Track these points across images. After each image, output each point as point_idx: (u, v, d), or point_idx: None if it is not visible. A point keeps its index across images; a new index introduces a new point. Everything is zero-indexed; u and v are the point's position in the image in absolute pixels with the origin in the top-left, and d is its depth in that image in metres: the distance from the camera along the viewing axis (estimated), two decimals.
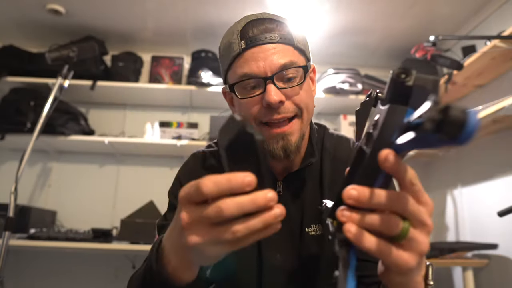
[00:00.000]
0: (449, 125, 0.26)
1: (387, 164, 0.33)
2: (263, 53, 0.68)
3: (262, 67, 0.68)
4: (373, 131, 0.36)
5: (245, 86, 0.70)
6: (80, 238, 1.98)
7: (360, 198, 0.35)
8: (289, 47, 0.71)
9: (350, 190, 0.35)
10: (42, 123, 1.63)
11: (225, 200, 0.37)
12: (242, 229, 0.37)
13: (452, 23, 2.36)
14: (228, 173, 0.37)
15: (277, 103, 0.67)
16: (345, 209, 0.36)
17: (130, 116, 2.75)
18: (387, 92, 0.36)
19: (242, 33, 0.70)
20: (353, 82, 2.51)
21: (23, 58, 2.47)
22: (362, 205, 0.35)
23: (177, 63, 2.68)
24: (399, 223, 0.36)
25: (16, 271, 2.38)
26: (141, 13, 2.33)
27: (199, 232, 0.39)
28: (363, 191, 0.35)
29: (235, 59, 0.70)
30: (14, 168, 1.54)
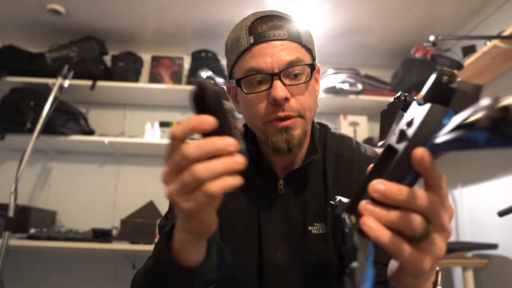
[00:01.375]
0: (509, 124, 0.25)
1: (422, 163, 0.33)
2: (271, 49, 0.69)
3: (269, 63, 0.68)
4: (408, 129, 0.35)
5: (251, 82, 0.71)
6: (80, 238, 1.98)
7: (387, 192, 0.34)
8: (297, 45, 0.71)
9: (377, 184, 0.34)
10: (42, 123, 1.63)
11: (187, 144, 0.40)
12: (202, 169, 0.39)
13: (452, 23, 2.36)
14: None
15: (283, 99, 0.68)
16: (369, 203, 0.35)
17: (130, 116, 2.75)
18: (428, 92, 0.36)
19: (251, 29, 0.71)
20: (353, 82, 2.51)
21: (23, 58, 2.47)
22: (387, 200, 0.34)
23: (177, 63, 2.68)
24: (423, 224, 0.35)
25: (16, 271, 2.38)
26: (141, 13, 2.33)
27: (171, 182, 0.42)
28: (391, 186, 0.34)
29: (243, 54, 0.71)
30: (14, 168, 1.54)
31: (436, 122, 0.33)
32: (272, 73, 0.68)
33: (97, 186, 2.59)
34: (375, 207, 0.35)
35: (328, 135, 0.83)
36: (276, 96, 0.67)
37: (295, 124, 0.70)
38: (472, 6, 2.18)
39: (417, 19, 2.31)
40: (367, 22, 2.36)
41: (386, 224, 0.34)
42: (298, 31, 0.72)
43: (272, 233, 0.74)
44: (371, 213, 0.35)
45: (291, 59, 0.69)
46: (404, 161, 0.34)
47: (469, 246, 2.01)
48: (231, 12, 2.28)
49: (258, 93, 0.70)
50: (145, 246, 1.98)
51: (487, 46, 1.75)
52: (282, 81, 0.68)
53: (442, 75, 0.34)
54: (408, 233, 0.35)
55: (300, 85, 0.71)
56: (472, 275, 1.94)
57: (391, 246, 0.35)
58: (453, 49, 2.27)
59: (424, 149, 0.32)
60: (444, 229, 0.37)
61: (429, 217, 0.35)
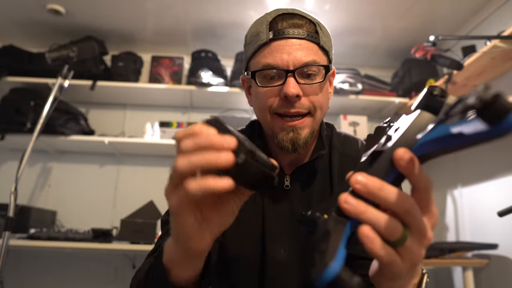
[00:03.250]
0: (497, 107, 0.25)
1: (403, 163, 0.33)
2: (289, 47, 0.70)
3: (285, 60, 0.69)
4: (394, 134, 0.36)
5: (265, 76, 0.72)
6: (80, 238, 1.98)
7: (368, 185, 0.33)
8: (314, 45, 0.72)
9: (359, 176, 0.33)
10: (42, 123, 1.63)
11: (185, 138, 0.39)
12: (182, 161, 0.37)
13: (452, 23, 2.36)
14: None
15: (294, 96, 0.68)
16: (350, 196, 0.34)
17: (130, 116, 2.75)
18: (418, 102, 0.37)
19: (271, 24, 0.72)
20: (353, 82, 2.51)
21: (23, 58, 2.47)
22: (368, 194, 0.33)
23: (177, 63, 2.68)
24: (399, 229, 0.34)
25: (16, 271, 2.38)
26: (141, 13, 2.33)
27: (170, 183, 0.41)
28: (373, 180, 0.33)
29: (261, 48, 0.72)
30: (14, 168, 1.54)
31: (422, 126, 0.34)
32: (287, 69, 0.69)
33: (97, 186, 2.59)
34: (358, 200, 0.33)
35: (334, 134, 0.84)
36: (287, 92, 0.68)
37: (304, 124, 0.71)
38: (472, 6, 2.18)
39: (417, 19, 2.31)
40: (367, 22, 2.36)
41: (366, 221, 0.33)
42: (317, 32, 0.73)
43: (276, 229, 0.74)
44: (353, 207, 0.33)
45: (307, 60, 0.70)
46: (387, 161, 0.34)
47: (469, 246, 2.01)
48: (231, 12, 2.28)
49: (271, 88, 0.71)
50: (145, 246, 1.98)
51: (487, 46, 1.75)
52: (296, 78, 0.69)
53: (435, 88, 0.35)
54: (385, 235, 0.33)
55: (313, 85, 0.71)
56: (472, 275, 1.94)
57: (368, 235, 0.33)
58: (453, 49, 2.27)
59: (406, 149, 0.33)
60: (423, 235, 0.35)
61: (407, 221, 0.34)
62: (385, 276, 0.38)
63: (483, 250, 2.02)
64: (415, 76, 2.48)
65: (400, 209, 0.34)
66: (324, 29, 0.76)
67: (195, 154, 0.37)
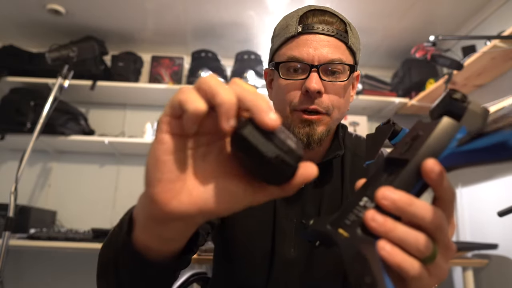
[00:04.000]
0: None
1: (432, 175, 0.30)
2: (316, 42, 0.70)
3: (311, 55, 0.69)
4: (415, 141, 0.34)
5: (289, 68, 0.71)
6: (80, 238, 1.98)
7: (397, 201, 0.30)
8: (342, 44, 0.72)
9: (387, 191, 0.30)
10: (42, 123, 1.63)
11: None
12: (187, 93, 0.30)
13: (452, 23, 2.36)
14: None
15: (315, 91, 0.68)
16: (377, 213, 0.31)
17: (130, 116, 2.75)
18: (438, 106, 0.35)
19: (302, 18, 0.72)
20: None
21: (23, 58, 2.47)
22: (397, 210, 0.30)
23: (177, 63, 2.68)
24: (430, 246, 0.31)
25: (16, 271, 2.38)
26: (141, 13, 2.33)
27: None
28: (401, 195, 0.30)
29: (288, 40, 0.72)
30: (14, 168, 1.54)
31: (450, 135, 0.32)
32: (312, 64, 0.69)
33: (97, 186, 2.59)
34: (386, 218, 0.30)
35: (347, 134, 0.84)
36: (309, 87, 0.67)
37: (321, 120, 0.70)
38: (472, 6, 2.18)
39: (417, 19, 2.31)
40: (367, 22, 2.36)
41: (395, 240, 0.30)
42: (346, 32, 0.73)
43: (287, 228, 0.74)
44: (381, 225, 0.30)
45: (333, 57, 0.69)
46: (412, 171, 0.32)
47: (469, 246, 2.01)
48: (231, 12, 2.28)
49: (293, 81, 0.71)
50: None
51: (487, 46, 1.75)
52: (319, 74, 0.69)
53: (455, 92, 0.33)
54: (414, 252, 0.31)
55: (336, 83, 0.71)
56: (472, 275, 1.94)
57: (409, 271, 0.30)
58: (453, 49, 2.27)
59: (435, 160, 0.31)
60: (449, 249, 0.33)
61: (436, 236, 0.32)
62: None
63: (483, 250, 2.02)
64: (415, 76, 2.48)
65: (431, 225, 0.31)
66: (355, 30, 0.75)
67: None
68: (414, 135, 0.35)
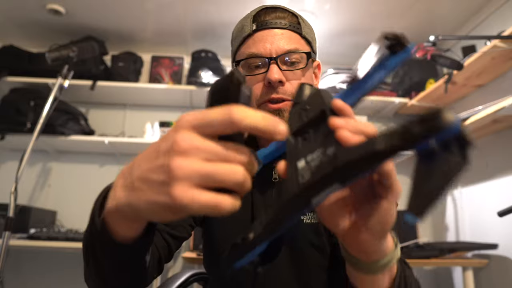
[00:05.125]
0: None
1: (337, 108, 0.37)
2: (271, 36, 0.73)
3: (268, 48, 0.72)
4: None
5: (250, 65, 0.74)
6: (80, 238, 1.97)
7: (346, 107, 0.36)
8: (297, 35, 0.75)
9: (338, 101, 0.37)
10: (42, 123, 1.63)
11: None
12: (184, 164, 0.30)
13: (452, 23, 2.36)
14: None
15: (277, 81, 0.71)
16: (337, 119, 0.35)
17: (130, 116, 2.75)
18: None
19: (255, 17, 0.76)
20: None
21: (23, 58, 2.47)
22: (345, 112, 0.36)
23: (177, 63, 2.68)
24: (371, 126, 0.36)
25: (16, 271, 2.38)
26: (141, 13, 2.33)
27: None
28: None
29: (245, 40, 0.76)
30: (14, 168, 1.54)
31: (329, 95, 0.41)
32: (270, 57, 0.72)
33: (97, 186, 2.57)
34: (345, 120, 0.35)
35: None
36: (271, 78, 0.70)
37: (288, 106, 0.72)
38: (472, 6, 2.18)
39: (417, 19, 2.31)
40: (367, 22, 2.36)
41: (355, 130, 0.34)
42: (299, 23, 0.76)
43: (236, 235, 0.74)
44: (342, 124, 0.34)
45: (289, 47, 0.73)
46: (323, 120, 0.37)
47: (469, 246, 2.01)
48: (231, 12, 2.28)
49: (255, 76, 0.73)
50: None
51: (487, 46, 1.75)
52: (278, 65, 0.72)
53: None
54: (363, 129, 0.36)
55: (296, 71, 0.74)
56: (472, 275, 1.94)
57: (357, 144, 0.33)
58: (453, 49, 2.27)
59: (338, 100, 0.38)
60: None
61: (366, 130, 0.36)
62: (374, 232, 0.38)
63: (483, 250, 2.02)
64: (415, 76, 2.48)
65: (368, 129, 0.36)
66: (307, 22, 0.79)
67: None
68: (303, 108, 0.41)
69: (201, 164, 0.30)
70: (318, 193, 0.32)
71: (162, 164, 0.31)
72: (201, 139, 0.30)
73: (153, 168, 0.32)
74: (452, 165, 0.28)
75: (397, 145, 0.28)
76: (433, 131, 0.26)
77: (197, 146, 0.30)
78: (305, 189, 0.33)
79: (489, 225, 2.03)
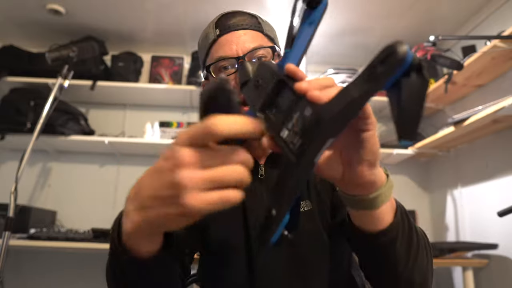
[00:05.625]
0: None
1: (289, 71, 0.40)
2: (236, 38, 0.77)
3: (234, 49, 0.75)
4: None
5: (220, 68, 0.77)
6: (80, 238, 1.97)
7: (298, 70, 0.40)
8: (259, 33, 0.79)
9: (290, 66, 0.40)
10: (42, 123, 1.63)
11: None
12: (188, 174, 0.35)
13: (452, 23, 2.36)
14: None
15: None
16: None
17: (130, 116, 2.75)
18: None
19: (217, 24, 0.79)
20: None
21: (23, 58, 2.47)
22: (299, 74, 0.39)
23: (177, 63, 2.68)
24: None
25: (16, 271, 2.37)
26: (141, 13, 2.33)
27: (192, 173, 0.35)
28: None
29: (211, 46, 0.78)
30: (14, 168, 1.54)
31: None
32: (238, 57, 0.74)
33: (97, 186, 2.59)
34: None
35: None
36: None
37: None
38: (472, 6, 2.18)
39: (417, 19, 2.31)
40: (367, 22, 2.36)
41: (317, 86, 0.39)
42: (260, 23, 0.81)
43: (259, 218, 0.74)
44: (306, 86, 0.37)
45: (254, 45, 0.76)
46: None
47: (469, 246, 2.01)
48: None
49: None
50: None
51: (487, 46, 1.74)
52: None
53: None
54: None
55: None
56: (472, 275, 1.94)
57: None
58: (453, 49, 2.27)
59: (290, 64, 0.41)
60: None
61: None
62: (366, 162, 0.42)
63: (483, 250, 2.02)
64: None
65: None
66: (266, 21, 0.84)
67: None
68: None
69: (203, 172, 0.34)
70: (317, 152, 0.35)
71: (169, 181, 0.35)
72: (197, 151, 0.35)
73: (161, 186, 0.36)
74: (418, 86, 0.32)
75: (369, 89, 0.33)
76: (395, 67, 0.30)
77: (195, 157, 0.34)
78: (304, 154, 0.35)
79: (489, 225, 2.03)
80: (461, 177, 2.31)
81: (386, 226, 0.51)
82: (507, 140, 1.96)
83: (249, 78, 0.46)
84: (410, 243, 0.55)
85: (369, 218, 0.50)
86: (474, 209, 2.18)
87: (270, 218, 0.39)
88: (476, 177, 2.17)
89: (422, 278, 0.57)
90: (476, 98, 2.22)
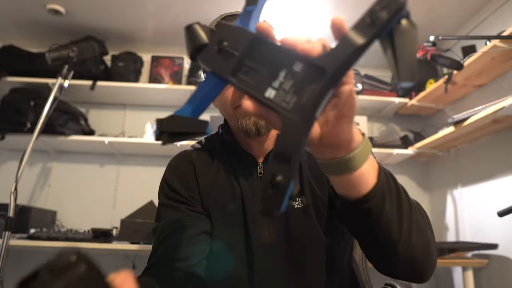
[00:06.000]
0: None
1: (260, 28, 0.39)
2: None
3: None
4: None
5: None
6: (80, 238, 1.98)
7: (269, 26, 0.40)
8: None
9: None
10: (42, 123, 1.63)
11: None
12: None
13: (452, 23, 2.36)
14: None
15: None
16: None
17: (130, 116, 2.75)
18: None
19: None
20: None
21: (23, 58, 2.47)
22: (271, 31, 0.39)
23: (177, 63, 2.68)
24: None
25: (16, 271, 2.37)
26: (141, 13, 2.33)
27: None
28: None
29: None
30: (14, 168, 1.54)
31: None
32: None
33: (97, 186, 2.59)
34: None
35: None
36: None
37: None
38: (472, 6, 2.18)
39: (417, 19, 2.30)
40: None
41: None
42: None
43: (258, 215, 0.76)
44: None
45: None
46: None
47: (469, 246, 2.01)
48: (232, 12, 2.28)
49: None
50: (145, 246, 1.98)
51: (487, 46, 1.75)
52: None
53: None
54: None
55: None
56: (472, 275, 1.94)
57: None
58: (453, 49, 2.27)
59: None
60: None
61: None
62: (345, 119, 0.42)
63: (483, 250, 2.02)
64: None
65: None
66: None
67: None
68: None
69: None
70: (319, 105, 0.35)
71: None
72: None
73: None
74: (410, 30, 0.33)
75: (374, 33, 0.33)
76: (397, 11, 0.32)
77: None
78: (304, 110, 0.35)
79: (489, 225, 2.03)
80: (461, 177, 2.31)
81: (370, 188, 0.48)
82: (507, 140, 1.96)
83: (203, 42, 0.44)
84: (400, 203, 0.51)
85: (352, 182, 0.48)
86: (474, 209, 2.18)
87: (276, 185, 0.36)
88: (476, 177, 2.17)
89: (422, 242, 0.52)
90: (476, 98, 2.22)
